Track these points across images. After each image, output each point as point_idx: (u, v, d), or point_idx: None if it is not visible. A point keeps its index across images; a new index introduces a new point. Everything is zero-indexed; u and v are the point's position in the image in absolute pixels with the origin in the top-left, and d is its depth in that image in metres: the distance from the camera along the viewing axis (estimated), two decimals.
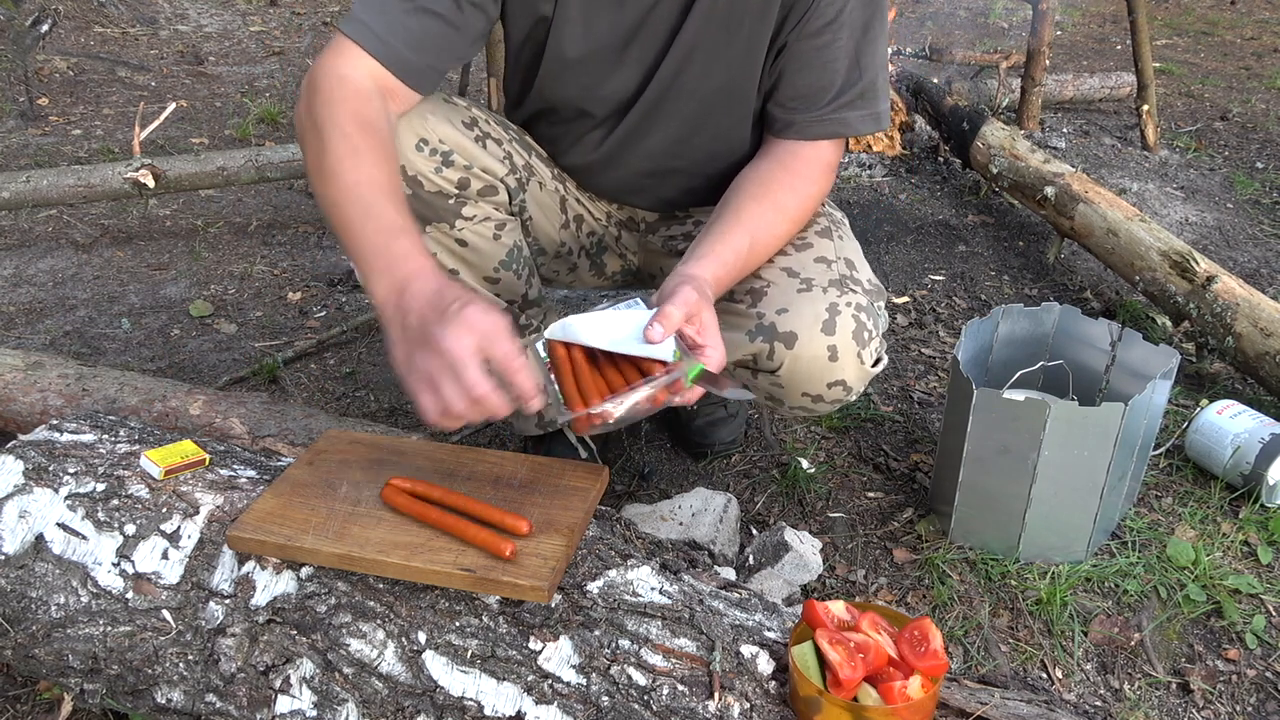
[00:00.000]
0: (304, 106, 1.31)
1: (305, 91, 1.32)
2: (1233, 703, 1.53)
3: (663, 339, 1.16)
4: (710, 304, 1.25)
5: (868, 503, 1.94)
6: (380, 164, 1.26)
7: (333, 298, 2.78)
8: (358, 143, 1.26)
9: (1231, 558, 1.79)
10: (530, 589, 1.11)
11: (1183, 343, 2.39)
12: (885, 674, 1.05)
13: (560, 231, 1.70)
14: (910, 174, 3.58)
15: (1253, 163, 3.80)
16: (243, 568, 1.24)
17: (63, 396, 1.90)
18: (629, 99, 1.52)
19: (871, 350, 1.42)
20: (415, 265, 1.17)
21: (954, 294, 2.77)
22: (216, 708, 1.23)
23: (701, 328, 1.21)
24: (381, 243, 1.20)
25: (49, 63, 4.80)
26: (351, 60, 1.33)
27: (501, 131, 1.58)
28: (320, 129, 1.27)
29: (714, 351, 1.21)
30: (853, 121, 1.46)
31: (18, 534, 1.31)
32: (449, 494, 1.23)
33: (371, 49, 1.33)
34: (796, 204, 1.45)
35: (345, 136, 1.26)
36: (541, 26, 1.46)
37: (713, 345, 1.21)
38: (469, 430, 2.16)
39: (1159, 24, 6.04)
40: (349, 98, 1.30)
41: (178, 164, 3.08)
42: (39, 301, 2.77)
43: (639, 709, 1.09)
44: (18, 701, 1.48)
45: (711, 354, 1.21)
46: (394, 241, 1.19)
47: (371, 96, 1.32)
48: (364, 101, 1.31)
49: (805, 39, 1.42)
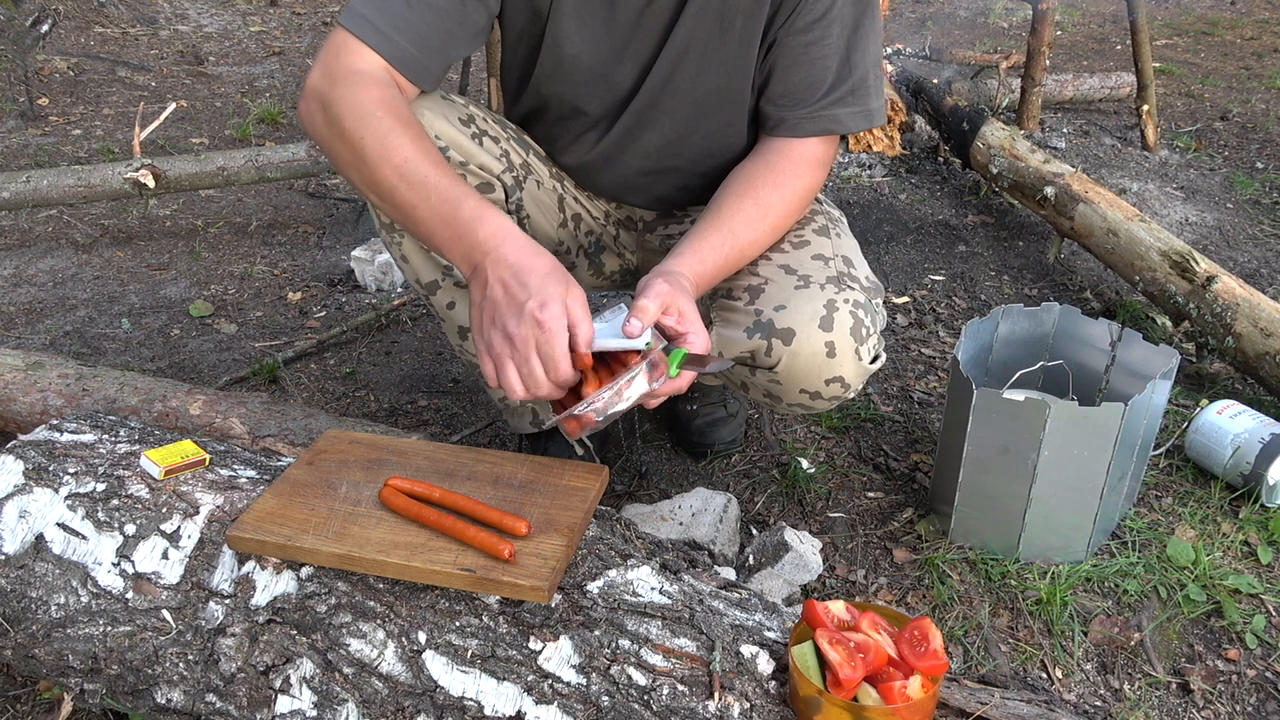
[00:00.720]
0: (318, 105, 1.31)
1: (318, 90, 1.31)
2: (1233, 703, 1.53)
3: (639, 332, 1.18)
4: (687, 294, 1.26)
5: (868, 503, 1.94)
6: (419, 140, 1.28)
7: (333, 298, 2.78)
8: (392, 123, 1.27)
9: (1231, 558, 1.79)
10: (530, 589, 1.11)
11: (1183, 343, 2.39)
12: (885, 674, 1.05)
13: (558, 230, 1.70)
14: (910, 174, 3.58)
15: (1253, 163, 3.80)
16: (243, 568, 1.24)
17: (63, 396, 1.90)
18: (624, 97, 1.52)
19: (869, 347, 1.43)
20: (490, 229, 1.20)
21: (954, 294, 2.77)
22: (216, 708, 1.23)
23: (680, 317, 1.23)
24: (448, 212, 1.23)
25: (49, 63, 4.80)
26: (359, 55, 1.33)
27: (499, 130, 1.58)
28: (350, 120, 1.28)
29: (696, 337, 1.23)
30: (843, 118, 1.46)
31: (18, 534, 1.31)
32: (448, 494, 1.23)
33: (374, 44, 1.33)
34: (781, 200, 1.45)
35: (379, 120, 1.27)
36: (537, 23, 1.47)
37: (694, 331, 1.23)
38: (469, 430, 2.16)
39: (1159, 24, 6.04)
40: (370, 85, 1.31)
41: (178, 164, 3.08)
42: (39, 301, 2.77)
43: (639, 709, 1.09)
44: (18, 701, 1.48)
45: (694, 339, 1.23)
46: (459, 209, 1.22)
47: (389, 85, 1.34)
48: (385, 89, 1.32)
49: (795, 35, 1.42)
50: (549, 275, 1.16)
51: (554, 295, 1.14)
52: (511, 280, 1.16)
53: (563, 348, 1.14)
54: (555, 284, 1.15)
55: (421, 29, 1.35)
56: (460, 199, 1.23)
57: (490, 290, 1.18)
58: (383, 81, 1.33)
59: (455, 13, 1.38)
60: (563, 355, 1.14)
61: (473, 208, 1.22)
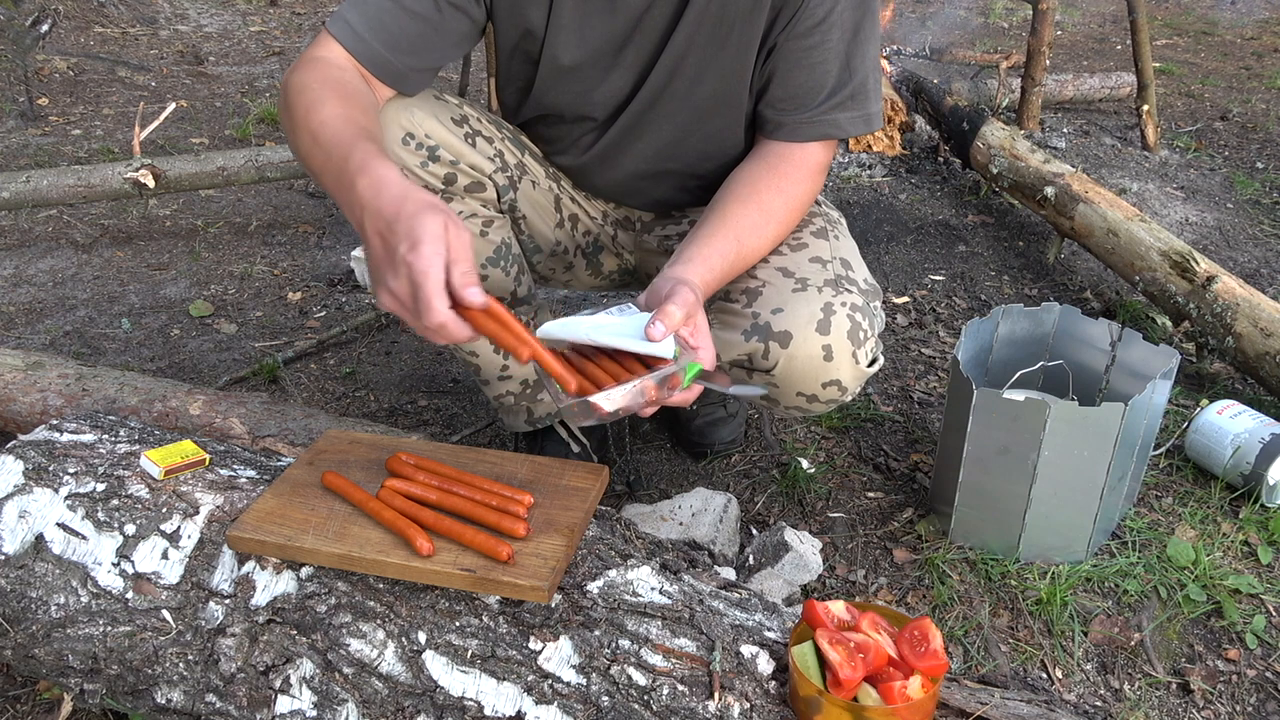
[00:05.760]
0: (281, 91, 1.35)
1: (284, 79, 1.35)
2: (1233, 703, 1.53)
3: (664, 336, 1.17)
4: (700, 305, 1.26)
5: (868, 503, 1.94)
6: (343, 106, 1.26)
7: (333, 298, 2.78)
8: (323, 93, 1.28)
9: (1231, 558, 1.79)
10: (530, 589, 1.11)
11: (1183, 343, 2.39)
12: (885, 674, 1.05)
13: (555, 230, 1.70)
14: (910, 174, 3.58)
15: (1253, 163, 3.80)
16: (243, 568, 1.24)
17: (63, 396, 1.90)
18: (622, 103, 1.52)
19: (867, 350, 1.42)
20: (367, 179, 1.14)
21: (954, 294, 2.77)
22: (216, 708, 1.23)
23: (695, 329, 1.23)
24: (338, 169, 1.18)
25: (49, 63, 4.80)
26: (327, 48, 1.37)
27: (494, 130, 1.58)
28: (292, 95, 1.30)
29: (706, 352, 1.23)
30: (843, 123, 1.46)
31: (18, 534, 1.31)
32: (446, 496, 1.23)
33: (349, 45, 1.37)
34: (784, 206, 1.45)
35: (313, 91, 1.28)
36: (530, 39, 1.48)
37: (705, 347, 1.23)
38: (469, 430, 2.16)
39: (1159, 24, 6.04)
40: (326, 67, 1.34)
41: (178, 164, 3.08)
42: (39, 301, 2.77)
43: (639, 709, 1.09)
44: (18, 701, 1.48)
45: (704, 355, 1.23)
46: (347, 164, 1.17)
47: (350, 72, 1.36)
48: (342, 72, 1.34)
49: (794, 40, 1.42)
50: (417, 215, 1.08)
51: (424, 234, 1.06)
52: (385, 230, 1.09)
53: (434, 287, 1.05)
54: (425, 222, 1.07)
55: (395, 32, 1.38)
56: (349, 154, 1.18)
57: (371, 246, 1.12)
58: (337, 65, 1.35)
59: (432, 19, 1.40)
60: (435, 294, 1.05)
61: (358, 161, 1.16)
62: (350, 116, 1.25)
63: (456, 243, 1.07)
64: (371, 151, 1.17)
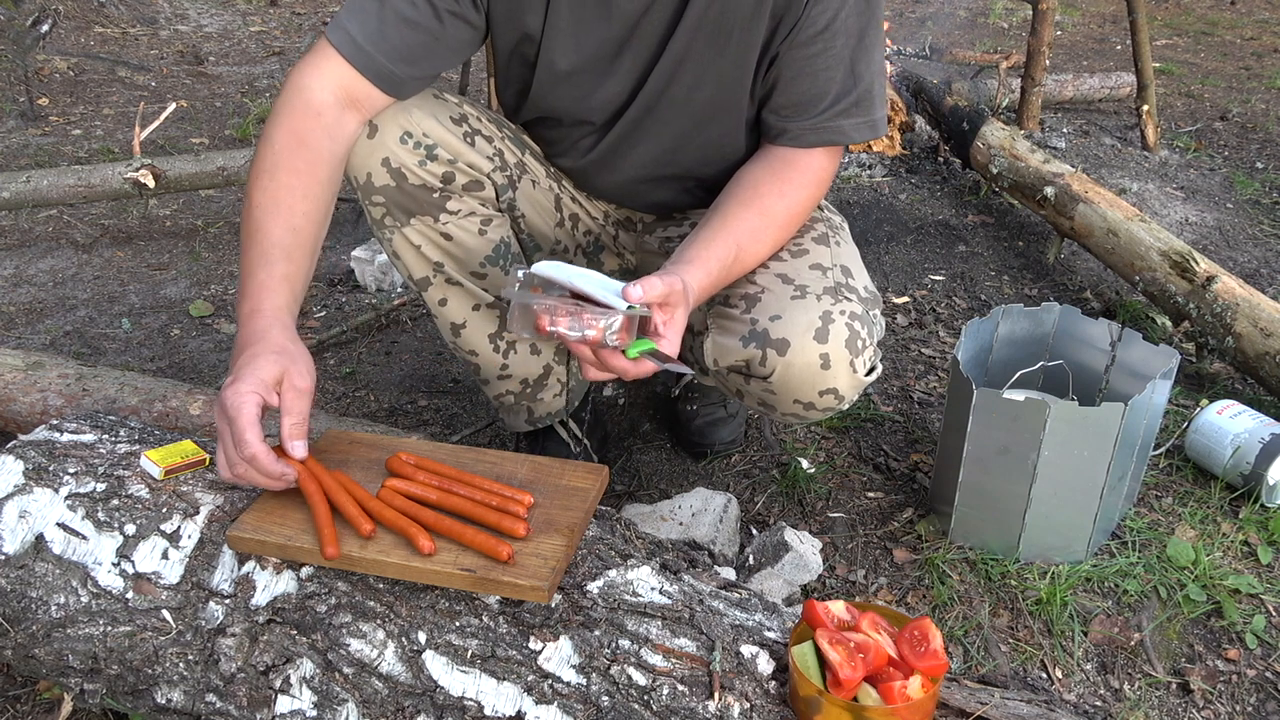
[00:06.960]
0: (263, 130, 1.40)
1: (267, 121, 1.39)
2: (1233, 703, 1.53)
3: (638, 299, 1.19)
4: (688, 306, 1.26)
5: (868, 503, 1.94)
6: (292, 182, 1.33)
7: (333, 298, 2.79)
8: (280, 160, 1.33)
9: (1231, 558, 1.79)
10: (530, 589, 1.11)
11: (1183, 343, 2.39)
12: (885, 674, 1.05)
13: (555, 230, 1.70)
14: (910, 174, 3.58)
15: (1253, 163, 3.80)
16: (243, 568, 1.24)
17: (63, 396, 1.90)
18: (619, 108, 1.52)
19: (865, 359, 1.42)
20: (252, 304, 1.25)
21: (954, 294, 2.77)
22: (216, 708, 1.23)
23: (670, 321, 1.24)
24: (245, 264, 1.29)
25: (49, 63, 4.80)
26: (321, 69, 1.39)
27: (494, 129, 1.58)
28: (262, 143, 1.36)
29: (669, 345, 1.24)
30: (848, 130, 1.45)
31: (18, 534, 1.31)
32: (446, 496, 1.23)
33: (349, 55, 1.38)
34: (786, 211, 1.45)
35: (273, 152, 1.34)
36: (527, 43, 1.48)
37: (670, 340, 1.24)
38: (469, 430, 2.16)
39: (1159, 24, 6.04)
40: (295, 111, 1.37)
41: (178, 164, 3.08)
42: (39, 301, 2.77)
43: (639, 709, 1.09)
44: (18, 701, 1.48)
45: (666, 346, 1.24)
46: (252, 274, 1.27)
47: (322, 111, 1.38)
48: (310, 118, 1.37)
49: (798, 48, 1.41)
50: (258, 357, 1.19)
51: (249, 375, 1.17)
52: (233, 358, 1.22)
53: (245, 421, 1.15)
54: (259, 365, 1.18)
55: (395, 42, 1.39)
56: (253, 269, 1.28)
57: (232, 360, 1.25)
58: (314, 108, 1.38)
59: (433, 29, 1.40)
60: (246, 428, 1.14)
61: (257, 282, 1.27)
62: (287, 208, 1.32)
63: (290, 393, 1.19)
64: (271, 277, 1.27)
